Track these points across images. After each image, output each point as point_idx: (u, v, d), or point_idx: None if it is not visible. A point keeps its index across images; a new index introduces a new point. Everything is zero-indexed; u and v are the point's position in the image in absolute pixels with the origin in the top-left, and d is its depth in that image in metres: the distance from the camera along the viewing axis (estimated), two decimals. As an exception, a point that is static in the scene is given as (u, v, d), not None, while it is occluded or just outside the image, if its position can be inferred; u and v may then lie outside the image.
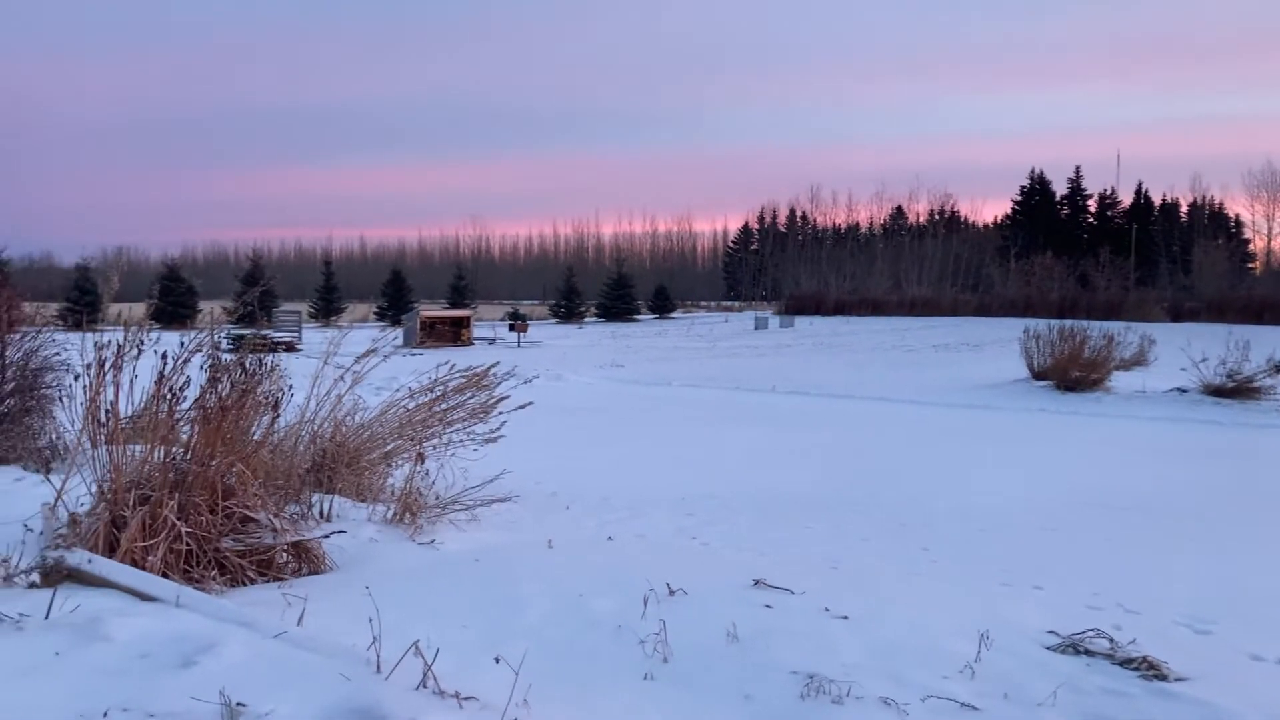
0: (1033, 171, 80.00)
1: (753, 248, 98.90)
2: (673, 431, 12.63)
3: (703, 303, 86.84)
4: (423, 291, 65.55)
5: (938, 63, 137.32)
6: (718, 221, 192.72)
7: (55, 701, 2.96)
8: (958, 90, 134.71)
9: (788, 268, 79.72)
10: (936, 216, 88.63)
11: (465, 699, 3.00)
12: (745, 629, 4.24)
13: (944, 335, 37.74)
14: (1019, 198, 80.00)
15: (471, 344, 34.00)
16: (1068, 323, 19.95)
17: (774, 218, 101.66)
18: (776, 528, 7.00)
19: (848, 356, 27.06)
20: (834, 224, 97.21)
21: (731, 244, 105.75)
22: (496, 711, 2.97)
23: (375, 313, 53.16)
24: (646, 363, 24.95)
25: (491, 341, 35.02)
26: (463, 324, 35.86)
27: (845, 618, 4.50)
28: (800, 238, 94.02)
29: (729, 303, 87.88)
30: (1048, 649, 4.31)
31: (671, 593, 4.72)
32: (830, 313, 60.69)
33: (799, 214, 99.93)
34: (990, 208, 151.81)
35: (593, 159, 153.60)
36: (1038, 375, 17.97)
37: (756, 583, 5.01)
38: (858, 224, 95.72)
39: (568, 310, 58.30)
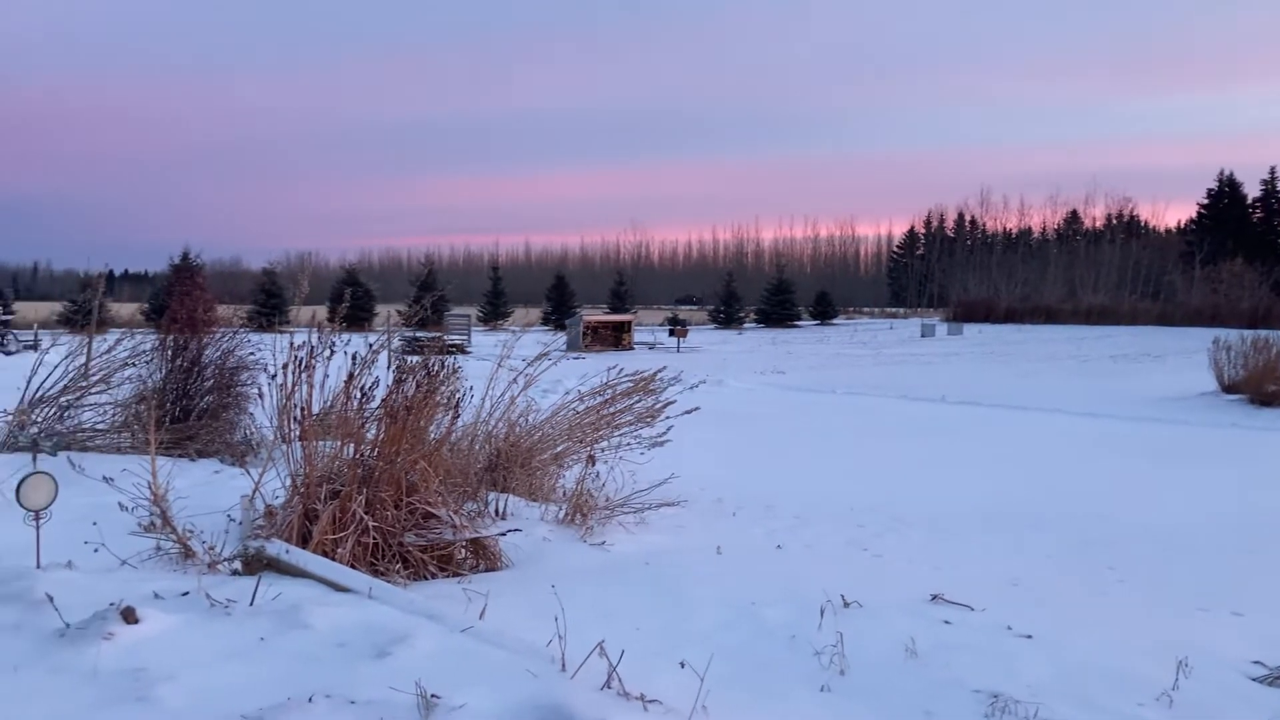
0: (1221, 173, 75.23)
1: (919, 253, 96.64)
2: (837, 440, 12.44)
3: (865, 309, 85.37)
4: (584, 296, 66.64)
5: (1115, 62, 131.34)
6: (882, 226, 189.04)
7: (263, 683, 3.13)
8: (1137, 90, 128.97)
9: (955, 273, 77.45)
10: (1114, 221, 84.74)
11: (649, 702, 3.02)
12: (924, 644, 4.13)
13: (1123, 345, 35.94)
14: (1205, 201, 75.36)
15: (632, 349, 34.35)
16: (1262, 333, 18.69)
17: (941, 222, 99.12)
18: (951, 541, 6.79)
19: (1020, 366, 26.06)
20: (1004, 228, 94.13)
21: (896, 249, 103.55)
22: (680, 716, 2.98)
23: (541, 317, 54.32)
24: (808, 369, 24.66)
25: (651, 346, 35.29)
26: (624, 329, 36.27)
27: (1029, 636, 4.33)
28: (969, 243, 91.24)
29: (893, 309, 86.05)
30: (1253, 680, 4.05)
31: (846, 604, 4.65)
32: (1000, 320, 58.70)
33: (968, 218, 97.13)
34: (1173, 211, 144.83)
35: (753, 164, 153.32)
36: (1228, 388, 16.90)
37: (934, 598, 4.88)
38: (1029, 228, 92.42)
39: (727, 316, 58.21)
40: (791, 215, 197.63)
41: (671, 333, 38.59)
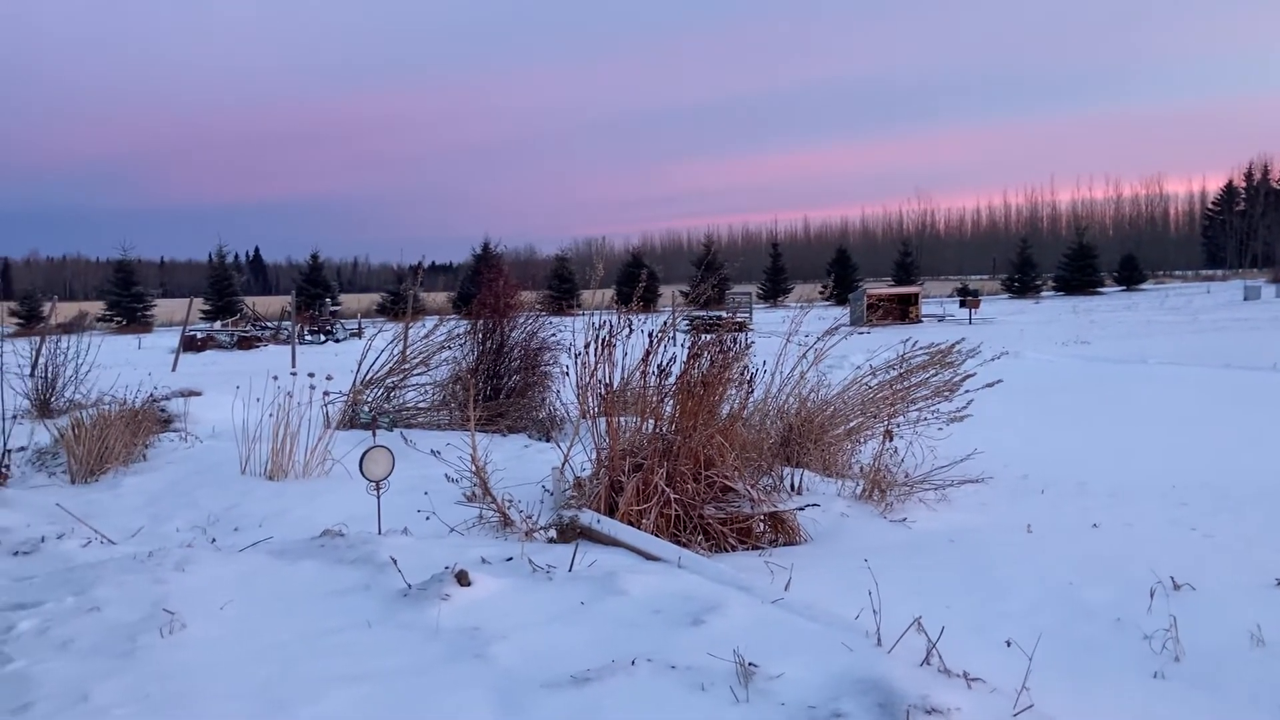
0: None
1: (1238, 209, 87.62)
2: (1152, 413, 11.51)
3: (1177, 272, 78.62)
4: (866, 269, 65.41)
5: None
6: (1194, 182, 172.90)
7: (586, 645, 3.29)
8: None
9: (1283, 229, 69.70)
10: None
11: (972, 680, 2.93)
12: (1272, 633, 3.76)
13: None
14: None
15: (920, 321, 33.35)
16: None
17: (1265, 174, 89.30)
18: (1295, 523, 6.13)
19: (1367, 329, 23.15)
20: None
21: (1211, 206, 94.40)
22: (1005, 695, 2.87)
23: (820, 292, 53.83)
24: (1114, 339, 23.00)
25: (940, 319, 34.10)
26: (911, 301, 35.27)
27: (1402, 631, 3.84)
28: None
29: (1209, 271, 78.63)
30: None
31: (1176, 586, 4.31)
32: (1340, 279, 52.33)
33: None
34: None
35: (1046, 122, 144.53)
36: None
37: (1280, 583, 4.43)
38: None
39: (1021, 284, 55.33)
40: (1090, 175, 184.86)
41: (962, 303, 37.12)
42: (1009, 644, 3.27)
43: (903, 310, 34.49)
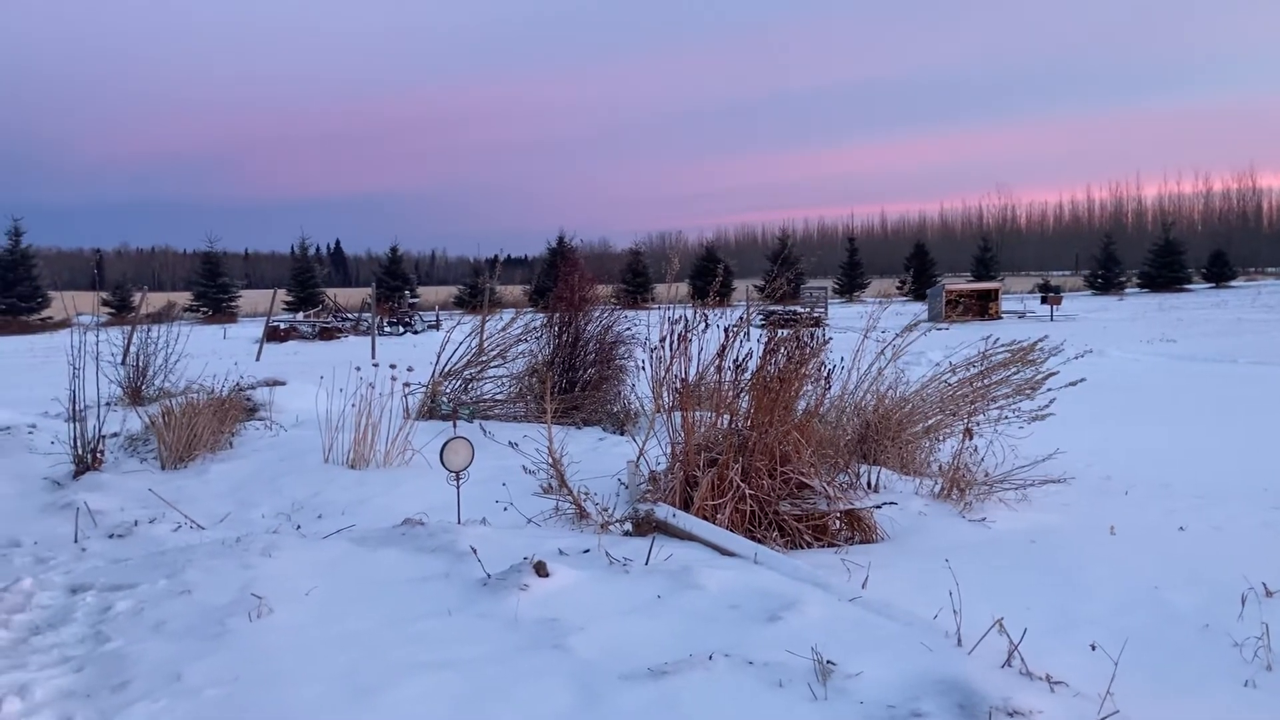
0: None
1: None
2: (1244, 414, 11.17)
3: (1270, 269, 75.93)
4: (944, 265, 64.45)
5: None
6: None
7: (663, 638, 3.31)
8: None
9: (1386, 224, 67.02)
10: None
11: (1055, 683, 2.88)
12: (1376, 645, 3.63)
13: None
14: None
15: (999, 318, 32.76)
16: None
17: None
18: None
19: None
20: None
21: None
22: (1089, 700, 2.82)
23: (897, 287, 53.19)
24: (1203, 337, 22.34)
25: (1021, 315, 33.46)
26: (990, 297, 34.67)
27: None
28: (1403, 188, 78.48)
29: (1307, 267, 75.87)
30: None
31: (1269, 593, 4.19)
32: None
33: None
34: None
35: (1132, 115, 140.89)
36: None
37: (1382, 593, 4.28)
38: None
39: (1105, 281, 54.03)
40: (1179, 169, 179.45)
41: (1044, 300, 36.39)
42: (1094, 647, 3.20)
43: (982, 306, 33.91)
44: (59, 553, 5.19)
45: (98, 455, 7.19)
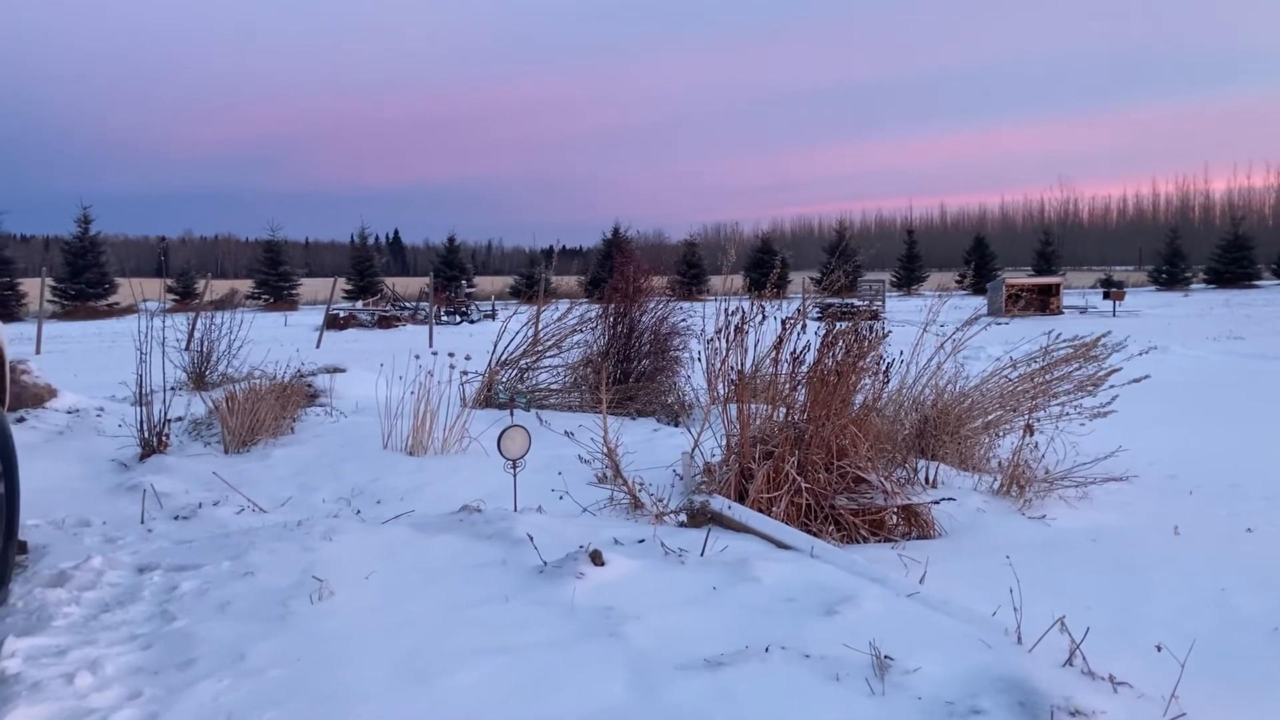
0: None
1: None
2: (1314, 414, 10.87)
3: (1345, 264, 73.68)
4: (1004, 258, 63.51)
5: None
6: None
7: (719, 630, 3.31)
8: None
9: None
10: None
11: (1119, 684, 2.84)
12: None
13: None
14: None
15: (1061, 312, 32.24)
16: None
17: None
18: None
19: None
20: None
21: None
22: (1153, 702, 2.77)
23: (957, 280, 52.56)
24: (1271, 334, 21.77)
25: (1083, 310, 32.88)
26: (1051, 292, 34.13)
27: None
28: None
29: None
30: None
31: (1345, 599, 4.08)
32: None
33: None
34: None
35: (1200, 107, 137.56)
36: None
37: None
38: None
39: (1170, 276, 52.91)
40: (1249, 161, 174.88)
41: (1106, 295, 35.68)
42: (1159, 648, 3.14)
43: (1043, 301, 33.39)
44: (127, 533, 5.31)
45: (163, 438, 7.35)
